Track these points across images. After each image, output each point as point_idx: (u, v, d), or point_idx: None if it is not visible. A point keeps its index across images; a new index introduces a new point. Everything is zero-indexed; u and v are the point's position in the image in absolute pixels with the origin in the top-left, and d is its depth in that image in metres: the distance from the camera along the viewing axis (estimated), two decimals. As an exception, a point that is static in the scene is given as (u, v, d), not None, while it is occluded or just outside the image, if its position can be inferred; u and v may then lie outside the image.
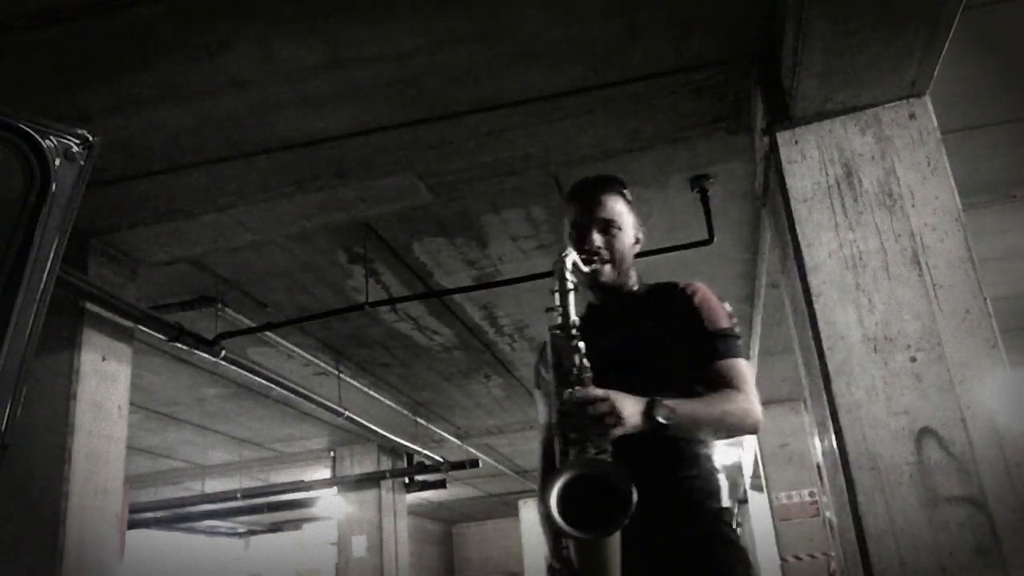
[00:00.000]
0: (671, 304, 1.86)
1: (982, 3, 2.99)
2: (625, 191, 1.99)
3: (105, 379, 3.62)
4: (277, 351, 6.02)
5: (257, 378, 5.66)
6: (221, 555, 15.17)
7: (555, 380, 1.65)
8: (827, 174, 2.81)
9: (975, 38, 3.16)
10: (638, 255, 2.00)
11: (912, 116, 2.81)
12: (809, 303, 2.70)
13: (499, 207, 4.32)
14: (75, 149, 1.36)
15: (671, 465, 1.72)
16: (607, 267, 1.87)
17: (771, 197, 3.16)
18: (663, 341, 1.81)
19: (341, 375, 6.70)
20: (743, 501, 13.31)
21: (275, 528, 14.38)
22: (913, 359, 2.55)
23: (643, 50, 2.86)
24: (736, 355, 1.81)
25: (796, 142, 2.87)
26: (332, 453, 9.62)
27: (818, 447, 3.08)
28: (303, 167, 3.34)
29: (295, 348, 6.00)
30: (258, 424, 8.24)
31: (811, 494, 8.12)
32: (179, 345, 4.55)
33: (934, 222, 2.68)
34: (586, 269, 1.79)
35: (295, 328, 5.50)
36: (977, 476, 2.40)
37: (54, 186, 1.33)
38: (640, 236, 2.00)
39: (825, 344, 2.64)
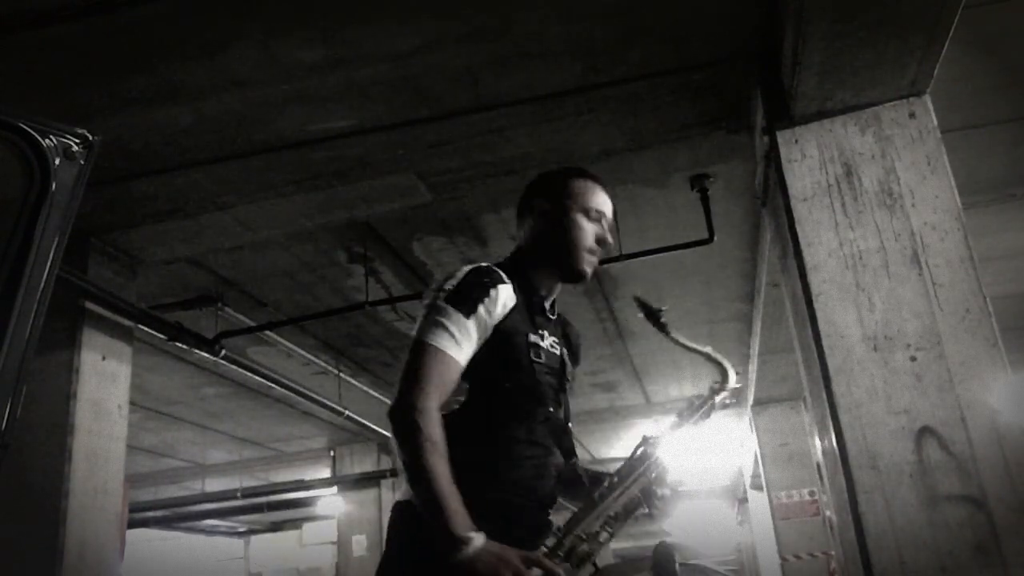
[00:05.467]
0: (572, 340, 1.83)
1: (982, 3, 2.99)
2: None
3: (105, 378, 3.62)
4: (277, 350, 6.02)
5: (257, 377, 5.66)
6: (221, 554, 15.17)
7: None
8: (827, 173, 2.81)
9: (975, 38, 3.16)
10: (640, 254, 1.97)
11: (912, 115, 2.81)
12: (809, 302, 2.70)
13: (499, 206, 4.32)
14: (75, 149, 1.36)
15: None
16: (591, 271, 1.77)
17: (771, 196, 3.16)
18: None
19: (341, 374, 6.70)
20: (743, 500, 13.30)
21: (275, 527, 14.37)
22: (913, 358, 2.55)
23: (643, 49, 2.86)
24: None
25: (796, 141, 2.87)
26: (332, 452, 9.62)
27: (818, 446, 3.08)
28: (303, 167, 3.34)
29: (295, 347, 6.00)
30: (258, 423, 8.24)
31: (811, 493, 8.12)
32: (179, 344, 4.56)
33: (934, 221, 2.68)
34: (588, 270, 1.75)
35: (295, 327, 5.50)
36: (977, 475, 2.40)
37: (54, 186, 1.32)
38: None
39: (825, 343, 2.64)
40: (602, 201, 1.78)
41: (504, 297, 1.58)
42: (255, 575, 14.66)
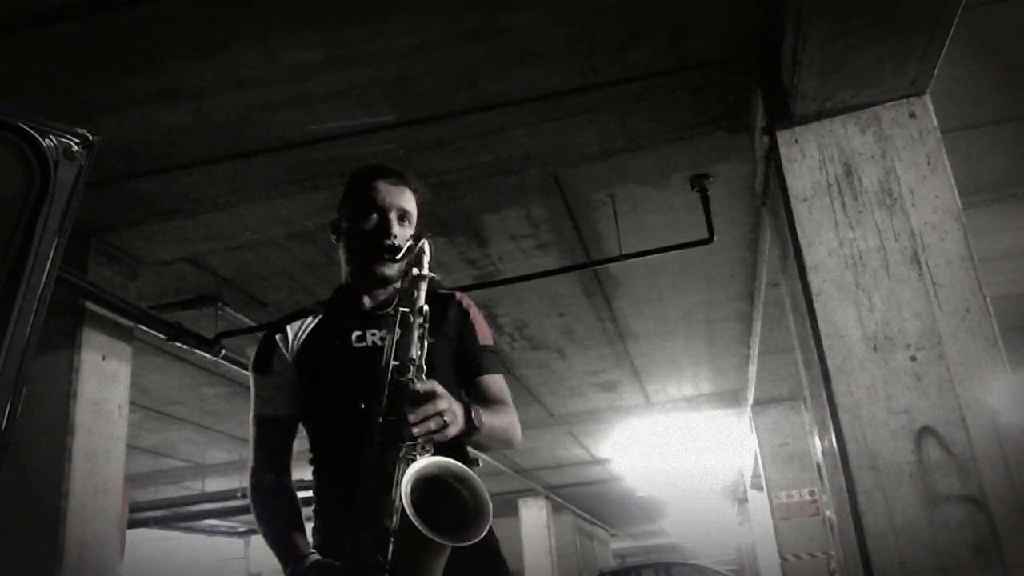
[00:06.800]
0: (445, 312, 1.74)
1: (982, 3, 2.99)
2: (417, 190, 1.82)
3: (105, 378, 3.62)
4: (277, 350, 6.02)
5: (257, 377, 5.65)
6: (221, 554, 15.17)
7: (392, 369, 1.49)
8: (827, 173, 2.81)
9: (975, 38, 3.16)
10: (640, 254, 1.92)
11: (912, 115, 2.81)
12: (809, 302, 2.70)
13: (499, 207, 4.32)
14: (75, 149, 1.36)
15: None
16: (396, 265, 1.67)
17: (771, 196, 3.16)
18: (435, 346, 1.65)
19: (341, 374, 6.69)
20: (743, 500, 13.30)
21: (275, 527, 14.37)
22: (913, 358, 2.55)
23: (643, 49, 2.86)
24: (501, 371, 1.80)
25: (796, 141, 2.87)
26: (332, 452, 9.61)
27: (818, 446, 3.08)
28: (303, 167, 3.34)
29: (295, 347, 6.00)
30: (258, 423, 8.24)
31: (811, 493, 8.12)
32: (179, 344, 4.56)
33: (934, 221, 2.68)
34: (381, 268, 1.68)
35: (295, 327, 5.50)
36: (977, 475, 2.40)
37: (54, 186, 1.32)
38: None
39: (825, 343, 2.64)
40: (374, 195, 1.70)
41: (290, 336, 1.72)
42: (255, 575, 14.67)
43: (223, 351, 4.93)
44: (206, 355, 4.91)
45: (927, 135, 2.78)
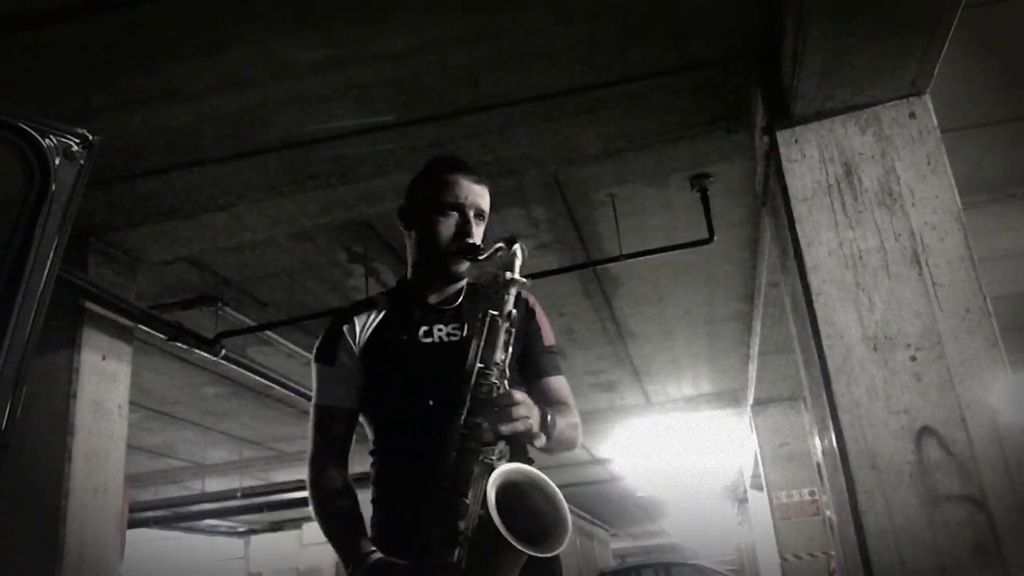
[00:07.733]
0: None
1: (982, 3, 2.99)
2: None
3: (105, 378, 3.62)
4: (277, 350, 6.02)
5: (257, 377, 5.66)
6: (221, 554, 15.16)
7: (476, 372, 1.48)
8: (827, 173, 2.81)
9: (975, 38, 3.16)
10: (640, 254, 1.88)
11: (912, 115, 2.81)
12: (809, 302, 2.70)
13: (499, 206, 4.32)
14: (75, 148, 1.36)
15: None
16: (468, 265, 1.68)
17: (771, 196, 3.16)
18: None
19: (341, 374, 6.68)
20: (743, 500, 13.30)
21: (275, 527, 14.39)
22: (913, 358, 2.55)
23: (643, 49, 2.86)
24: (563, 373, 1.79)
25: (796, 141, 2.87)
26: (332, 452, 9.61)
27: (818, 446, 3.09)
28: (303, 167, 3.34)
29: (295, 347, 6.01)
30: (258, 423, 8.24)
31: (811, 493, 8.12)
32: (179, 344, 4.56)
33: (934, 221, 2.68)
34: (463, 266, 1.67)
35: (295, 327, 5.50)
36: (977, 475, 2.40)
37: (54, 186, 1.32)
38: None
39: (825, 343, 2.64)
40: (457, 192, 1.67)
41: (357, 327, 1.68)
42: (255, 575, 14.67)
43: (223, 351, 4.93)
44: (206, 355, 4.91)
45: (927, 135, 2.78)
